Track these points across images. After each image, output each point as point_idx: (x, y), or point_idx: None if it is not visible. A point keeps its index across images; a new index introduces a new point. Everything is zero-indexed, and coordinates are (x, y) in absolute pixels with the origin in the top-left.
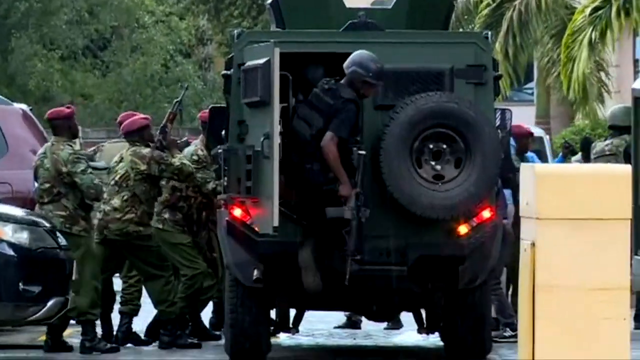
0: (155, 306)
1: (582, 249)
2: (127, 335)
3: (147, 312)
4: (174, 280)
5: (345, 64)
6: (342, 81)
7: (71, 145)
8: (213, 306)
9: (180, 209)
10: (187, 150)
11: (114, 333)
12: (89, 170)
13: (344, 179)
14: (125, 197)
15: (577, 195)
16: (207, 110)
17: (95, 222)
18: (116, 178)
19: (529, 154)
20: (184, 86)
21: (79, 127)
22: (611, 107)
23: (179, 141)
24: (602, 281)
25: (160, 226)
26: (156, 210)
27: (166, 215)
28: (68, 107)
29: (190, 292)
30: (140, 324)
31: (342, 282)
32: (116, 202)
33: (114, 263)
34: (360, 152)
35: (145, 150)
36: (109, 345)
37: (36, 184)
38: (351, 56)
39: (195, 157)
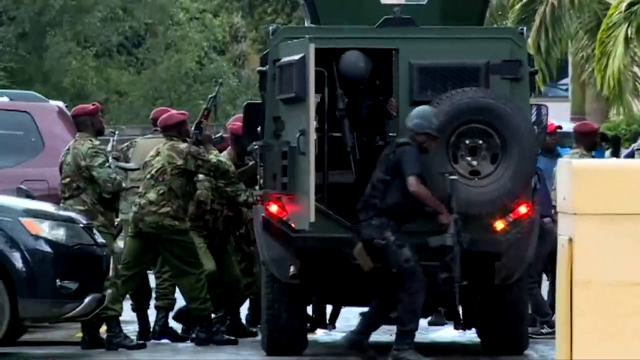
0: (188, 303)
1: (620, 244)
2: (164, 330)
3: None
4: (205, 278)
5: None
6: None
7: (91, 141)
8: (249, 303)
9: (207, 222)
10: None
11: (151, 329)
12: (107, 164)
13: (442, 209)
14: (161, 191)
15: (613, 190)
16: (236, 122)
17: (130, 215)
18: (152, 172)
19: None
20: (218, 82)
21: (113, 124)
22: None
23: (213, 137)
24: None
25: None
26: None
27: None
28: (93, 104)
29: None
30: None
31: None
32: (152, 195)
33: (148, 257)
34: (452, 177)
35: (183, 145)
36: (135, 342)
37: None
38: (413, 111)
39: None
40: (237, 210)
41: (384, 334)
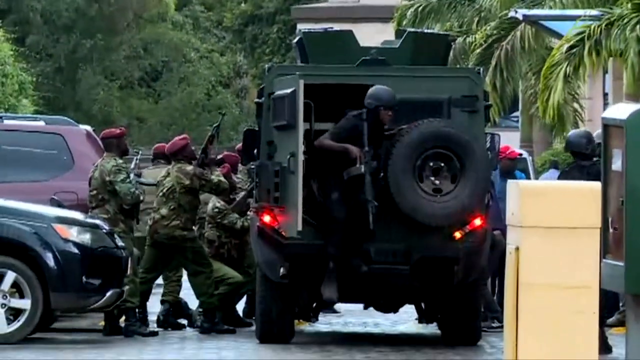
0: (198, 297)
1: (559, 253)
2: (166, 320)
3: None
4: (213, 276)
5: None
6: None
7: (116, 159)
8: (246, 298)
9: (222, 256)
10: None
11: (149, 317)
12: (128, 180)
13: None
14: (172, 207)
15: (555, 207)
16: (226, 164)
17: (146, 230)
18: (163, 190)
19: (517, 172)
20: (222, 113)
21: (134, 145)
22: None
23: (216, 158)
24: (575, 280)
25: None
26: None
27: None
28: (119, 129)
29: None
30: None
31: (356, 280)
32: (164, 211)
33: (164, 263)
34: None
35: (189, 168)
36: (149, 330)
37: None
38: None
39: (216, 210)
40: (240, 237)
41: (359, 326)
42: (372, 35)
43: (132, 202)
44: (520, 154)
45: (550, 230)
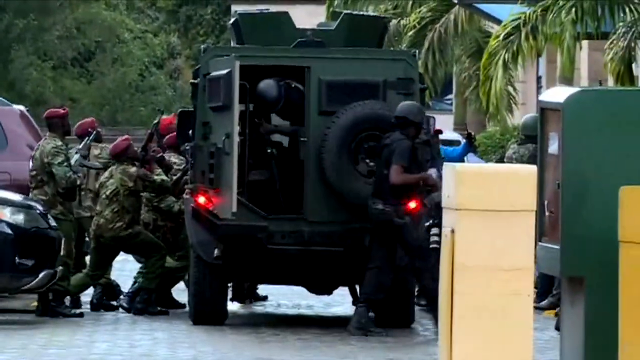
0: (143, 276)
1: (495, 235)
2: (100, 302)
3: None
4: (165, 258)
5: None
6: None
7: (56, 141)
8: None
9: (158, 238)
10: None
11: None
12: (66, 163)
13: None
14: (115, 209)
15: (490, 190)
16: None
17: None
18: (107, 192)
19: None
20: (160, 110)
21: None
22: (524, 117)
23: (157, 156)
24: (510, 263)
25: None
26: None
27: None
28: (63, 109)
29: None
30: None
31: (289, 261)
32: (108, 214)
33: (110, 259)
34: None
35: (132, 169)
36: (76, 311)
37: None
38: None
39: (153, 194)
40: (176, 220)
41: (293, 307)
42: (305, 17)
43: (66, 187)
44: (441, 131)
45: (486, 212)
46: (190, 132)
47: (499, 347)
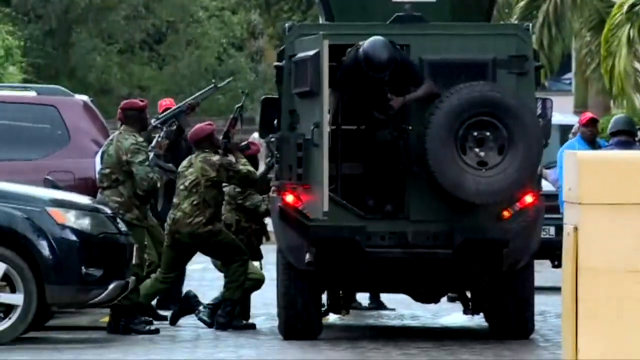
0: (225, 286)
1: (623, 233)
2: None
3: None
4: (247, 264)
5: None
6: None
7: (135, 137)
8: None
9: (242, 241)
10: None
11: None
12: (147, 162)
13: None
14: (195, 202)
15: (617, 180)
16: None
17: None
18: (186, 183)
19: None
20: (244, 92)
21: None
22: None
23: (241, 144)
24: None
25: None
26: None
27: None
28: (142, 101)
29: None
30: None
31: (390, 266)
32: (186, 207)
33: (184, 261)
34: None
35: (215, 158)
36: (148, 328)
37: (97, 171)
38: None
39: (237, 190)
40: (261, 222)
41: (396, 318)
42: None
43: (147, 189)
44: (596, 119)
45: (614, 207)
46: (275, 121)
47: (629, 356)
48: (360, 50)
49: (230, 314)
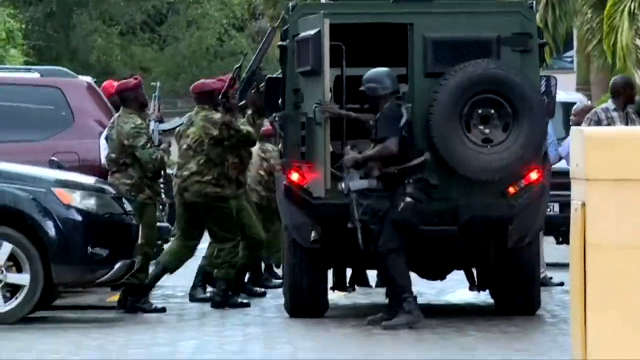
0: (216, 267)
1: (630, 209)
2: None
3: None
4: (239, 245)
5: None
6: None
7: (134, 119)
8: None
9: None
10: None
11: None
12: (149, 144)
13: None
14: (201, 161)
15: (624, 156)
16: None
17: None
18: (189, 142)
19: None
20: (242, 52)
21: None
22: None
23: (239, 103)
24: None
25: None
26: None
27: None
28: (135, 79)
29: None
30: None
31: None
32: (193, 166)
33: (197, 231)
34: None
35: (217, 116)
36: (154, 306)
37: (102, 153)
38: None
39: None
40: (240, 156)
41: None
42: None
43: (154, 170)
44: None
45: (621, 182)
46: (280, 100)
47: (638, 330)
48: None
49: (225, 292)
